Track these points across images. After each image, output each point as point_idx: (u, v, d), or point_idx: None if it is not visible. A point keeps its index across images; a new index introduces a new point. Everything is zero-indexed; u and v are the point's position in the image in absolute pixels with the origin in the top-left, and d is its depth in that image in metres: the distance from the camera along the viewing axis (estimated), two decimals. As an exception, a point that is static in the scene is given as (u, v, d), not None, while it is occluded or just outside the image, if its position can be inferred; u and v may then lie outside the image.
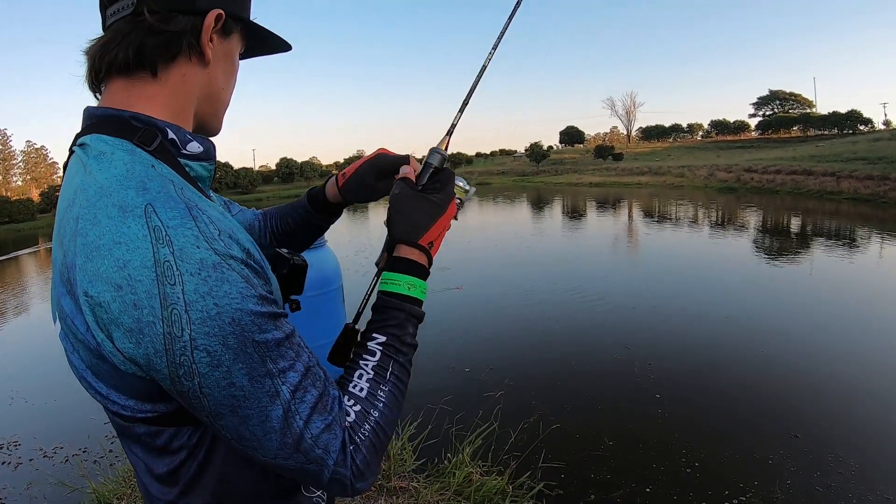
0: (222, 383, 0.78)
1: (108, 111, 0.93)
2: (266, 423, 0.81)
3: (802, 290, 11.89)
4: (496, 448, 4.61)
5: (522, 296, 11.55)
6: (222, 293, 0.77)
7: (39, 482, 5.18)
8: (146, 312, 0.75)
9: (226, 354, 0.77)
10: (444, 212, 1.14)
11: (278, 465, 0.84)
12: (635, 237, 20.72)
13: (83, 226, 0.80)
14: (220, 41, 1.01)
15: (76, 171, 0.88)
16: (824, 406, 6.19)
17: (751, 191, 40.63)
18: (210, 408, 0.80)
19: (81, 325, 0.81)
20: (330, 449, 0.86)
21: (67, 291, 0.82)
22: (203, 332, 0.76)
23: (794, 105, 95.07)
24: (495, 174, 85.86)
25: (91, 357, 0.84)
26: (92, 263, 0.77)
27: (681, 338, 8.66)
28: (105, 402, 0.90)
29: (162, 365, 0.77)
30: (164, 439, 0.91)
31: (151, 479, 0.97)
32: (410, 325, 1.06)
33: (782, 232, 20.83)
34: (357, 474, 0.89)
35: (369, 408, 0.95)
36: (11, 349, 11.14)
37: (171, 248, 0.76)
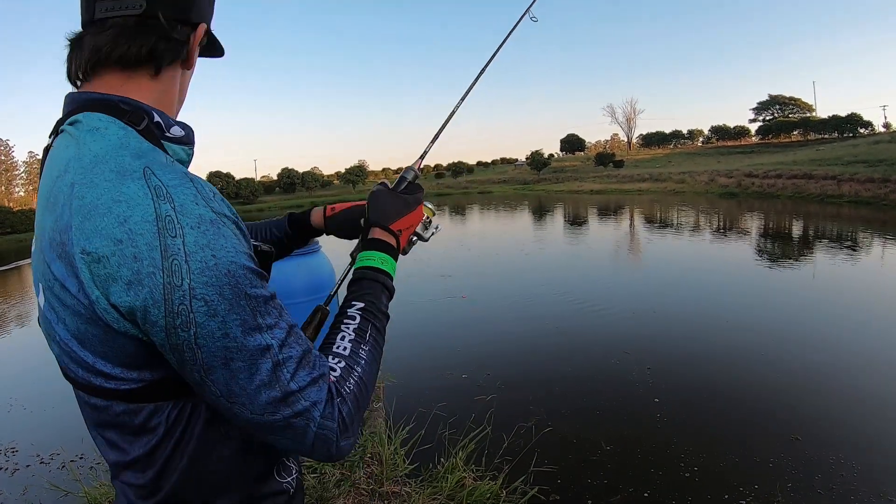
0: (217, 334, 0.82)
1: (98, 95, 0.97)
2: (256, 377, 0.85)
3: (804, 293, 11.81)
4: (490, 452, 4.56)
5: (521, 302, 11.53)
6: (219, 246, 0.83)
7: (35, 487, 5.21)
8: (146, 264, 0.79)
9: (221, 304, 0.82)
10: (412, 209, 1.35)
11: (265, 422, 0.88)
12: (636, 243, 20.69)
13: (79, 190, 0.84)
14: (196, 49, 1.10)
15: (67, 145, 0.93)
16: (825, 408, 6.13)
17: (752, 196, 40.67)
18: (203, 360, 0.83)
19: (73, 286, 0.84)
20: (317, 402, 0.91)
21: (59, 255, 0.85)
22: (202, 282, 0.81)
23: (793, 109, 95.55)
24: (496, 183, 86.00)
25: (79, 323, 0.87)
26: (90, 222, 0.80)
27: (680, 342, 8.61)
28: (88, 376, 0.93)
29: (159, 316, 0.80)
30: (142, 417, 0.94)
31: (124, 466, 1.00)
32: (384, 296, 1.19)
33: (784, 236, 20.82)
34: (342, 428, 0.94)
35: (353, 364, 1.03)
36: (11, 357, 11.16)
37: (172, 204, 0.82)
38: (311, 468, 3.88)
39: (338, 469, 3.87)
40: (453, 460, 4.20)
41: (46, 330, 0.98)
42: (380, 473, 3.91)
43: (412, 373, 7.49)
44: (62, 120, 0.99)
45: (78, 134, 0.92)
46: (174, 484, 0.98)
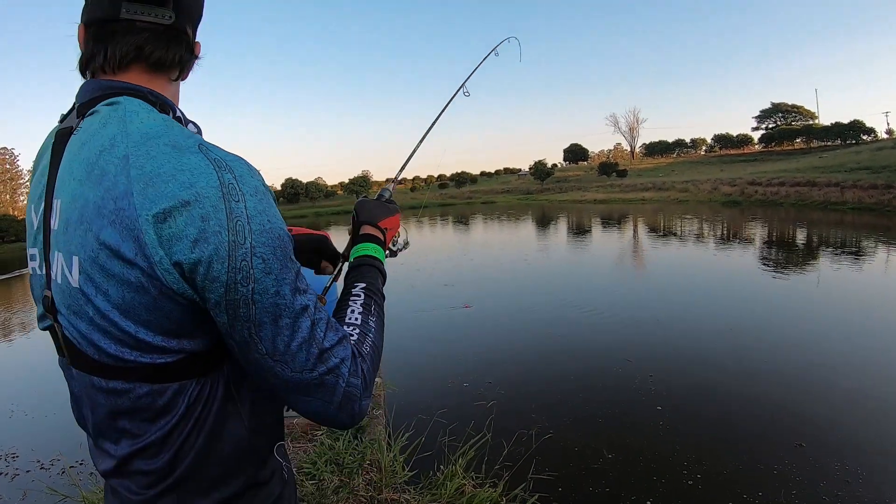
0: (271, 290, 0.90)
1: (130, 84, 1.03)
2: (298, 334, 0.93)
3: (808, 300, 11.80)
4: (490, 459, 4.52)
5: (523, 310, 11.53)
6: (272, 213, 0.94)
7: (35, 492, 5.27)
8: (213, 223, 0.86)
9: (275, 263, 0.91)
10: (393, 213, 1.51)
11: (303, 380, 0.95)
12: (639, 252, 20.67)
13: (136, 160, 0.89)
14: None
15: (105, 123, 0.96)
16: (829, 415, 6.10)
17: (755, 204, 40.67)
18: (256, 316, 0.90)
19: (130, 251, 0.87)
20: (345, 358, 0.99)
21: (112, 221, 0.88)
22: (261, 242, 0.90)
23: (796, 117, 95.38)
24: (500, 193, 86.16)
25: (126, 292, 0.90)
26: (153, 188, 0.86)
27: (683, 350, 8.59)
28: (120, 351, 0.94)
29: (222, 271, 0.87)
30: (165, 398, 0.97)
31: (134, 455, 1.00)
32: (380, 279, 1.32)
33: (787, 244, 20.80)
34: (364, 385, 1.02)
35: (366, 331, 1.13)
36: (14, 364, 11.26)
37: (233, 174, 0.91)
38: (310, 475, 3.86)
39: (336, 476, 3.84)
40: (453, 467, 4.18)
41: (73, 308, 0.97)
42: (379, 480, 3.88)
43: (413, 381, 7.51)
44: (87, 103, 1.02)
45: (119, 114, 0.96)
46: (188, 465, 1.00)
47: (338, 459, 4.03)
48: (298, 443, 4.37)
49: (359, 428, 4.55)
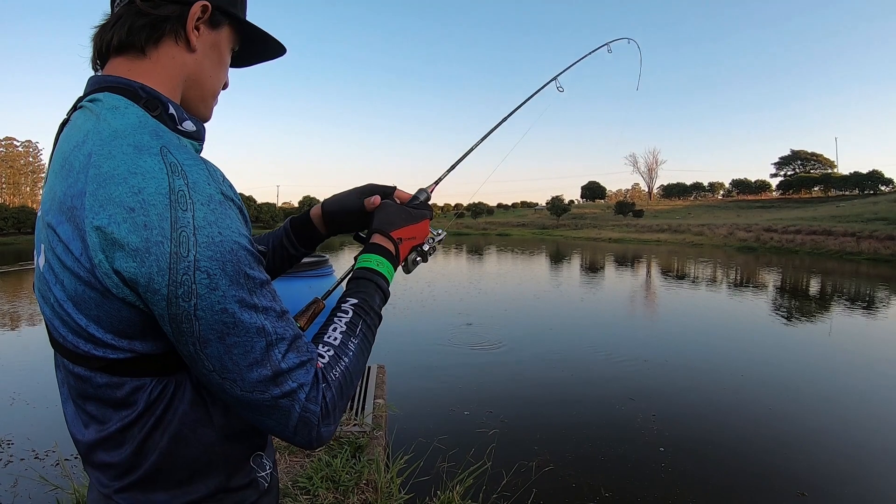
0: (216, 307, 0.86)
1: (118, 79, 1.02)
2: (249, 354, 0.89)
3: (818, 350, 11.67)
4: (488, 489, 4.50)
5: (530, 344, 11.45)
6: (225, 225, 0.88)
7: (26, 480, 5.25)
8: (156, 233, 0.83)
9: (223, 280, 0.86)
10: (416, 221, 1.38)
11: (254, 399, 0.91)
12: (651, 294, 20.57)
13: (96, 159, 0.87)
14: (207, 31, 1.10)
15: (86, 119, 0.96)
16: (833, 465, 6.01)
17: (770, 251, 40.50)
18: (200, 333, 0.86)
19: (77, 249, 0.87)
20: (303, 384, 0.94)
21: (67, 218, 0.88)
22: (206, 256, 0.84)
23: (815, 165, 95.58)
24: (515, 226, 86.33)
25: (77, 285, 0.89)
26: (104, 189, 0.84)
27: (688, 392, 8.52)
28: (76, 341, 0.95)
29: (162, 284, 0.84)
30: (124, 391, 0.95)
31: (101, 443, 1.00)
32: (378, 296, 1.22)
33: (801, 292, 20.65)
34: (324, 413, 0.97)
35: (341, 354, 1.06)
36: (22, 353, 11.29)
37: (185, 181, 0.86)
38: (304, 489, 3.84)
39: (331, 493, 3.82)
40: (450, 493, 4.15)
41: (41, 291, 1.00)
42: (374, 501, 3.85)
43: (415, 404, 7.47)
44: (82, 98, 1.03)
45: (98, 110, 0.95)
46: (153, 463, 0.98)
47: (334, 476, 4.00)
48: (295, 457, 4.35)
49: (357, 447, 4.54)
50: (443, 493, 4.20)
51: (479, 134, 1.72)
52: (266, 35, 1.23)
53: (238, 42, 1.22)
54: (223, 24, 1.13)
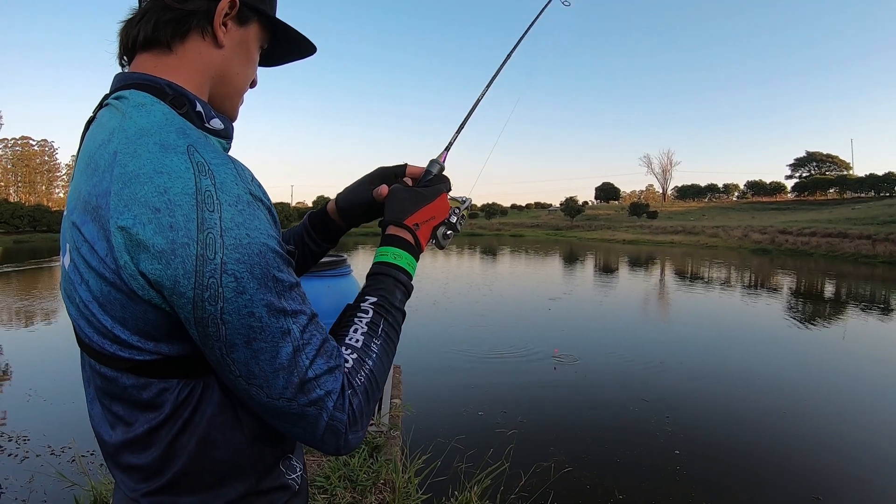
0: (243, 311, 0.83)
1: (144, 76, 1.00)
2: (276, 360, 0.87)
3: (834, 353, 11.62)
4: (505, 489, 4.50)
5: (544, 344, 11.41)
6: (253, 226, 0.86)
7: (42, 476, 5.27)
8: (181, 234, 0.80)
9: (251, 283, 0.84)
10: (429, 201, 1.29)
11: (280, 407, 0.89)
12: (664, 295, 20.50)
13: (122, 158, 0.86)
14: (235, 27, 1.08)
15: (112, 116, 0.94)
16: (848, 469, 6.00)
17: (785, 253, 40.24)
18: (226, 337, 0.84)
19: (102, 249, 0.85)
20: (331, 391, 0.92)
21: (93, 218, 0.87)
22: (234, 258, 0.82)
23: (830, 167, 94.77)
24: (529, 227, 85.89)
25: (102, 285, 0.88)
26: (129, 189, 0.82)
27: (705, 395, 8.50)
28: (102, 342, 0.93)
29: (188, 287, 0.81)
30: (151, 393, 0.94)
31: (128, 445, 0.99)
32: (398, 291, 1.16)
33: (815, 295, 20.49)
34: (352, 421, 0.94)
35: (364, 357, 1.02)
36: (39, 350, 11.36)
37: (212, 180, 0.84)
38: (322, 488, 3.86)
39: (349, 492, 3.83)
40: (468, 494, 4.16)
41: (67, 291, 0.99)
42: (392, 501, 3.86)
43: (432, 404, 7.51)
44: (108, 95, 1.02)
45: (124, 107, 0.94)
46: (181, 467, 0.97)
47: (352, 476, 4.01)
48: (312, 455, 4.34)
49: (375, 447, 4.55)
50: (460, 493, 4.21)
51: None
52: (296, 33, 1.21)
53: (267, 40, 1.19)
54: (252, 20, 1.11)
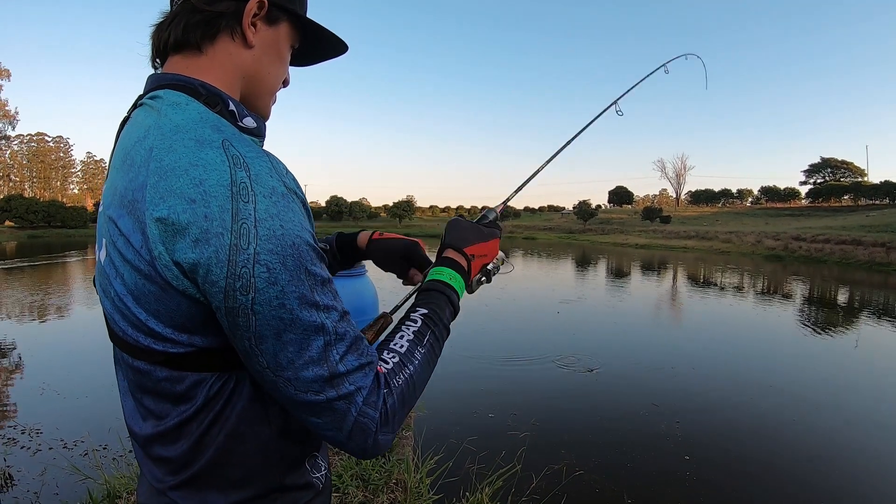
0: (274, 302, 0.84)
1: (178, 76, 1.02)
2: (305, 352, 0.88)
3: (847, 362, 11.50)
4: (517, 491, 4.49)
5: (555, 348, 11.39)
6: (287, 219, 0.87)
7: (54, 469, 5.32)
8: (216, 224, 0.82)
9: (283, 274, 0.84)
10: (487, 239, 1.37)
11: (308, 400, 0.90)
12: (676, 300, 20.42)
13: (157, 153, 0.87)
14: (265, 28, 1.10)
15: (147, 115, 0.97)
16: (861, 478, 5.95)
17: (798, 260, 39.97)
18: (256, 328, 0.85)
19: (138, 241, 0.87)
20: (361, 387, 0.93)
21: (129, 211, 0.89)
22: (267, 249, 0.83)
23: (845, 173, 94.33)
24: (542, 230, 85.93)
25: (137, 278, 0.89)
26: (165, 182, 0.84)
27: (716, 401, 8.44)
28: (136, 335, 0.95)
29: (220, 276, 0.83)
30: (184, 386, 0.96)
31: (158, 437, 1.01)
32: (448, 310, 1.20)
33: (829, 302, 20.33)
34: (383, 420, 0.95)
35: (406, 362, 1.04)
36: (53, 345, 11.42)
37: (247, 173, 0.85)
38: (335, 487, 3.85)
39: (361, 491, 3.84)
40: (479, 495, 4.16)
41: (102, 286, 1.01)
42: (403, 501, 3.86)
43: (444, 405, 7.49)
44: (142, 96, 1.04)
45: (158, 106, 0.96)
46: (209, 459, 0.98)
47: (363, 475, 4.02)
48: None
49: (387, 447, 4.55)
50: (472, 494, 4.21)
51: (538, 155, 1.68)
52: (327, 32, 1.22)
53: (298, 39, 1.20)
54: (281, 20, 1.12)
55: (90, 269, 27.82)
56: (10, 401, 7.80)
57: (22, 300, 16.37)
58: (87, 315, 14.19)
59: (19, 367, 9.65)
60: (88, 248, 41.18)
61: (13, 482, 5.23)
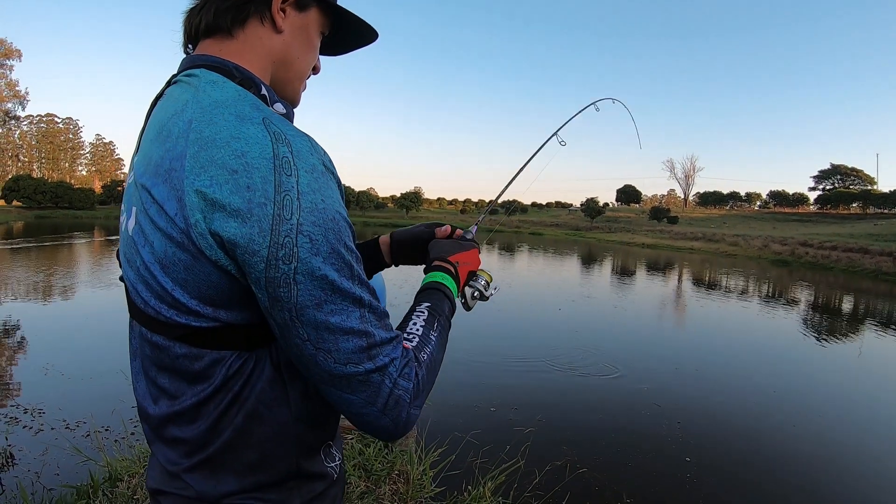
0: (316, 273, 0.86)
1: (213, 58, 1.04)
2: (345, 323, 0.89)
3: (848, 370, 11.47)
4: (519, 486, 4.48)
5: (558, 346, 11.39)
6: (328, 195, 0.89)
7: (56, 449, 5.32)
8: (259, 194, 0.83)
9: (324, 246, 0.86)
10: (466, 249, 1.45)
11: (346, 373, 0.91)
12: (681, 302, 20.37)
13: (197, 125, 0.89)
14: (294, 13, 1.11)
15: (184, 90, 0.98)
16: (861, 487, 5.94)
17: (804, 265, 39.85)
18: (297, 299, 0.86)
19: (173, 209, 0.87)
20: (394, 359, 0.95)
21: (164, 180, 0.89)
22: (310, 221, 0.85)
23: (855, 181, 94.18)
24: (549, 226, 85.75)
25: (168, 246, 0.89)
26: (206, 152, 0.85)
27: (718, 404, 8.43)
28: (159, 306, 0.95)
29: (263, 245, 0.83)
30: (202, 364, 0.96)
31: (173, 417, 1.01)
32: (446, 304, 1.24)
33: (834, 310, 20.27)
34: (416, 392, 0.97)
35: (426, 342, 1.08)
36: (55, 324, 11.49)
37: (289, 148, 0.87)
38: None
39: (363, 481, 3.85)
40: (481, 489, 4.16)
41: (127, 255, 1.01)
42: (405, 492, 3.87)
43: (448, 398, 7.48)
44: (175, 75, 1.06)
45: (196, 83, 0.97)
46: (225, 441, 0.98)
47: (366, 465, 4.04)
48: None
49: (389, 436, 4.56)
50: (474, 488, 4.21)
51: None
52: (357, 19, 1.23)
53: (328, 26, 1.21)
54: (311, 6, 1.14)
55: (97, 250, 28.10)
56: (14, 380, 7.82)
57: (27, 280, 16.42)
58: (93, 296, 14.27)
59: (23, 346, 9.68)
60: (96, 232, 41.24)
61: (14, 461, 5.24)
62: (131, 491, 3.79)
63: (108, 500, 3.72)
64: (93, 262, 22.60)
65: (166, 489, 1.05)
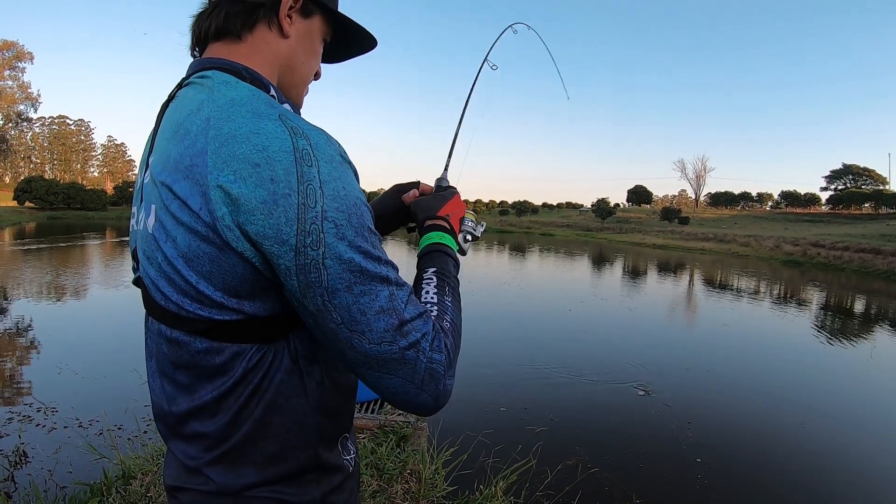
0: (344, 256, 0.88)
1: (223, 60, 1.06)
2: (375, 303, 0.91)
3: (859, 372, 11.48)
4: (530, 486, 4.48)
5: (570, 347, 11.39)
6: (348, 182, 0.92)
7: (69, 447, 5.37)
8: (282, 186, 0.85)
9: (349, 230, 0.89)
10: (450, 198, 1.45)
11: (382, 353, 0.92)
12: (692, 303, 20.33)
13: (216, 122, 0.90)
14: (299, 19, 1.14)
15: (198, 91, 0.99)
16: (873, 491, 5.93)
17: (816, 266, 39.67)
18: (328, 282, 0.88)
19: (197, 204, 0.88)
20: (425, 333, 0.96)
21: (186, 176, 0.90)
22: (334, 207, 0.88)
23: (867, 181, 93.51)
24: (559, 226, 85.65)
25: (192, 240, 0.90)
26: (227, 148, 0.87)
27: (729, 405, 8.44)
28: (181, 301, 0.95)
29: (291, 234, 0.85)
30: (223, 357, 0.97)
31: (193, 413, 1.02)
32: (450, 263, 1.26)
33: (846, 311, 20.17)
34: (448, 362, 0.99)
35: (444, 309, 1.10)
36: (70, 324, 11.60)
37: (308, 141, 0.89)
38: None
39: (375, 480, 3.85)
40: (493, 489, 4.16)
41: (146, 252, 1.01)
42: (417, 491, 3.87)
43: (460, 399, 7.44)
44: (185, 78, 1.07)
45: (209, 84, 0.99)
46: (245, 434, 0.99)
47: (379, 464, 4.04)
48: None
49: (402, 437, 4.56)
50: (486, 487, 4.20)
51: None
52: (358, 26, 1.26)
53: (330, 33, 1.25)
54: (315, 13, 1.17)
55: (109, 251, 28.24)
56: (27, 379, 7.89)
57: (40, 280, 16.53)
58: (106, 296, 14.38)
59: (37, 346, 9.77)
60: (107, 233, 41.42)
61: (27, 459, 5.27)
62: (145, 488, 3.81)
63: (122, 498, 3.74)
64: (105, 262, 22.77)
65: (186, 485, 1.06)
